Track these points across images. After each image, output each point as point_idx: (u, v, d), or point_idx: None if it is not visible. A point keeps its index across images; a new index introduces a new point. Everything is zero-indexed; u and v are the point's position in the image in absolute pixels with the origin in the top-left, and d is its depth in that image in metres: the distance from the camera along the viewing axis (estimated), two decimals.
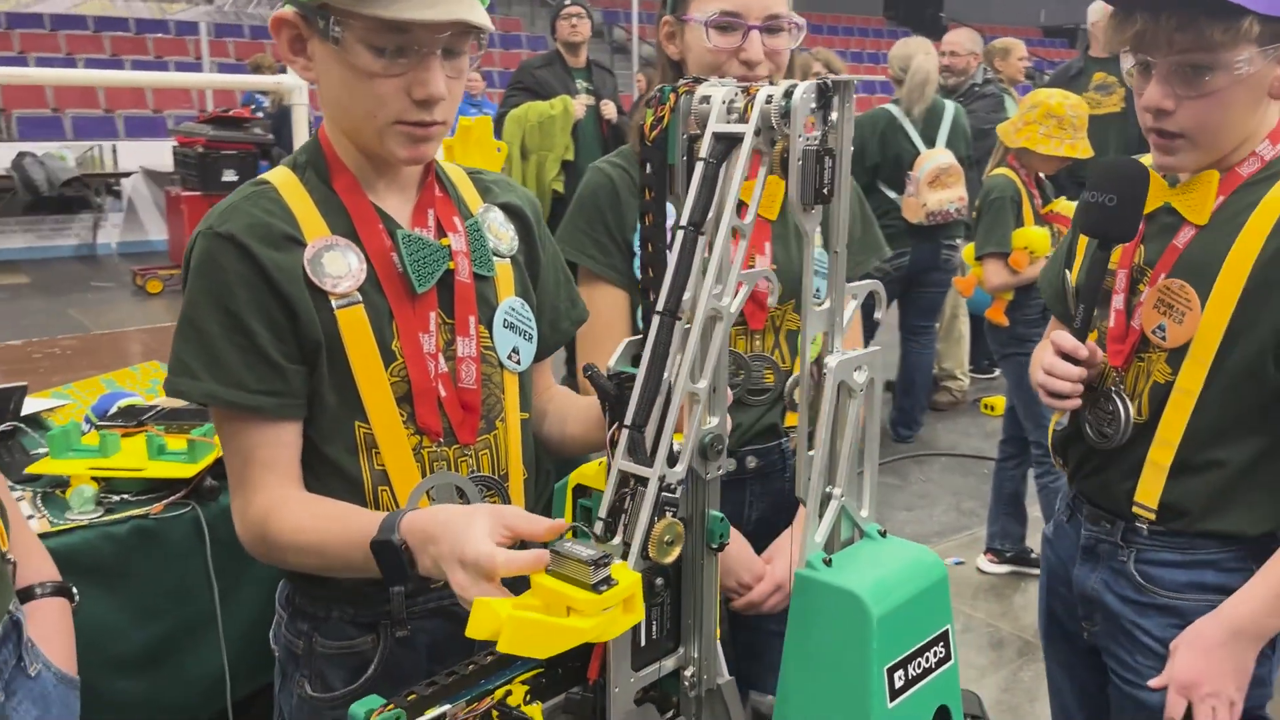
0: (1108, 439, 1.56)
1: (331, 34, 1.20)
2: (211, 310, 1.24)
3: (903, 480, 4.90)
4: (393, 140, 1.27)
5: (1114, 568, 1.60)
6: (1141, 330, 1.52)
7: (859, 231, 1.86)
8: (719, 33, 1.65)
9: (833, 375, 0.95)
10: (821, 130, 0.93)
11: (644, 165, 0.99)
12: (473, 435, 1.35)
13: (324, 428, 1.29)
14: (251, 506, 1.27)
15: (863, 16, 23.15)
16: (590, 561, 0.91)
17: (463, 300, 1.34)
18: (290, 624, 1.39)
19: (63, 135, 11.09)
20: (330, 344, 1.26)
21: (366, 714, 0.97)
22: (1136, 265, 1.55)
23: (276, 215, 1.27)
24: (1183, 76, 1.40)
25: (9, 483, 2.00)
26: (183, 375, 1.25)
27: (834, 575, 0.94)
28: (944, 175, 4.66)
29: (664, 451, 0.92)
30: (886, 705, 0.91)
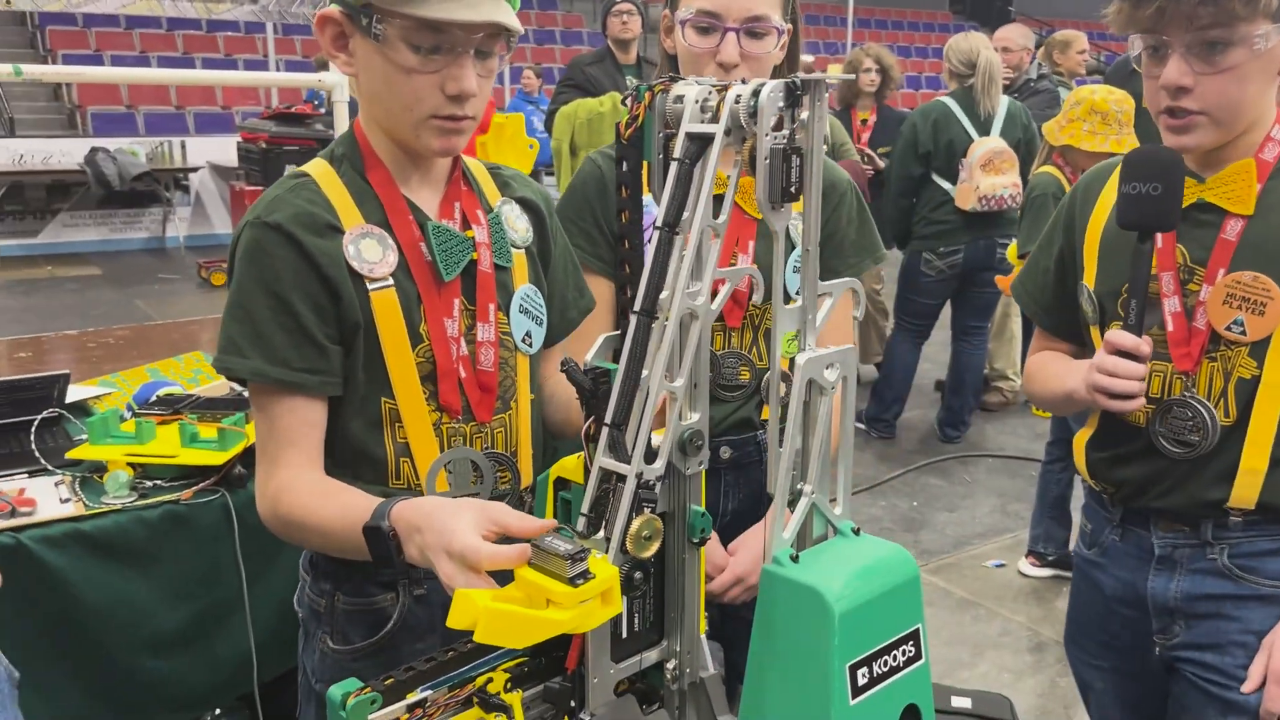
0: (1192, 447, 1.50)
1: (374, 31, 1.29)
2: (260, 294, 1.33)
3: (947, 480, 4.85)
4: (427, 133, 1.35)
5: (1202, 569, 1.54)
6: (1210, 329, 1.48)
7: (853, 234, 1.83)
8: (696, 33, 1.65)
9: (801, 372, 0.96)
10: (790, 129, 0.93)
11: (620, 163, 1.01)
12: (489, 414, 1.44)
13: (352, 404, 1.37)
14: (271, 481, 1.35)
15: (928, 11, 22.83)
16: (567, 556, 0.94)
17: (484, 289, 1.43)
18: (314, 585, 1.46)
19: (135, 131, 11.40)
20: (366, 325, 1.35)
21: (344, 696, 1.00)
22: (1183, 265, 1.51)
23: (318, 205, 1.36)
24: (1201, 54, 1.40)
25: (51, 466, 2.09)
26: (232, 353, 1.34)
27: (799, 571, 0.95)
28: (997, 159, 4.60)
29: (641, 449, 0.94)
30: (848, 702, 0.92)
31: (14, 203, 10.43)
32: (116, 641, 1.98)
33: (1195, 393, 1.50)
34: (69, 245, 10.65)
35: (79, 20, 12.72)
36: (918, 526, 4.36)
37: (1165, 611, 1.58)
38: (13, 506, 1.89)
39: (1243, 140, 1.48)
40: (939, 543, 4.21)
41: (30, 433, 2.14)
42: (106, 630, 1.95)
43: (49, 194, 10.58)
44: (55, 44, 12.61)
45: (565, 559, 0.93)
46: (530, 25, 17.51)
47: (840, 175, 1.87)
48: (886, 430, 5.30)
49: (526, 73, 11.57)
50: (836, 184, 1.84)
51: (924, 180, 4.89)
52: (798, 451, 0.99)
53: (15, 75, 2.48)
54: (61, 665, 1.94)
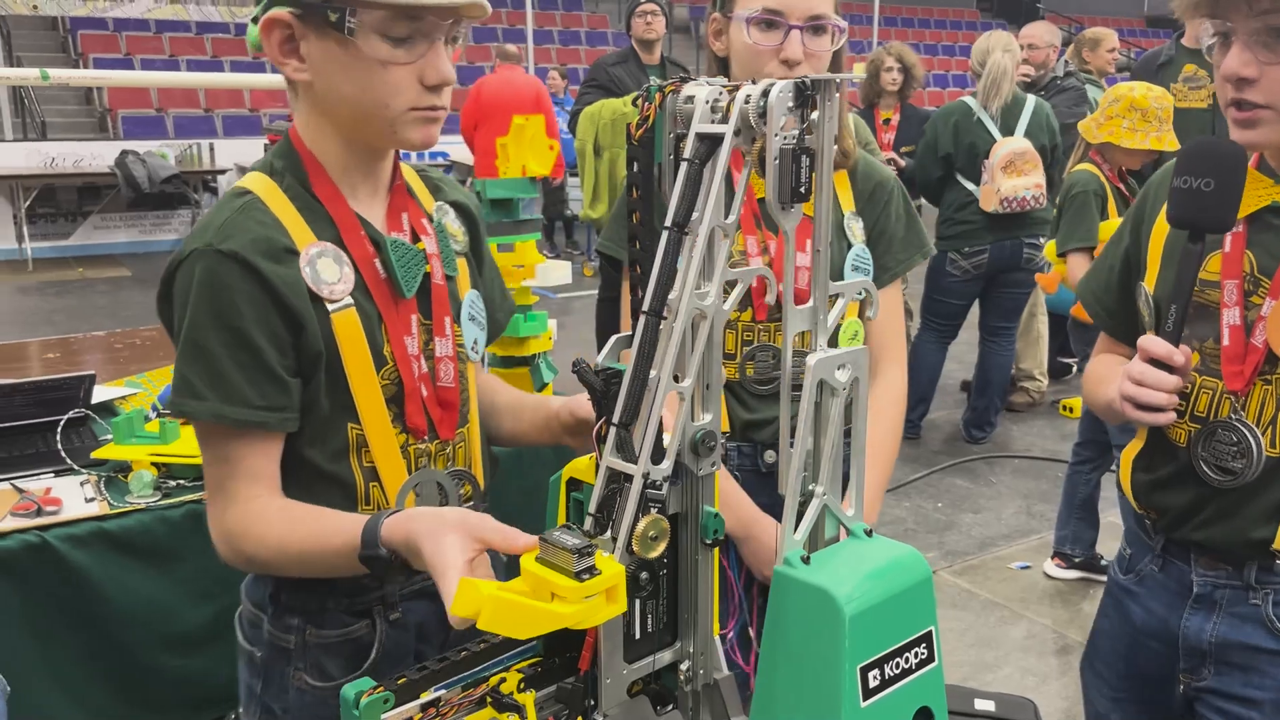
0: (1235, 475, 1.39)
1: (347, 25, 1.21)
2: (216, 330, 1.24)
3: (973, 481, 4.81)
4: (406, 126, 1.28)
5: (1240, 614, 1.44)
6: (1268, 348, 1.36)
7: (902, 230, 1.85)
8: (760, 30, 1.65)
9: (812, 373, 0.95)
10: (799, 129, 0.93)
11: (631, 164, 1.00)
12: (452, 431, 1.39)
13: (316, 432, 1.30)
14: (229, 516, 1.28)
15: (955, 9, 22.70)
16: (574, 550, 0.93)
17: (439, 302, 1.38)
18: (277, 621, 1.38)
19: (165, 134, 11.53)
20: (328, 351, 1.28)
21: (357, 695, 1.01)
22: (1248, 275, 1.39)
23: (271, 227, 1.27)
24: (1266, 41, 1.28)
25: (76, 465, 2.11)
26: (188, 396, 1.25)
27: (810, 573, 0.94)
28: (1019, 161, 4.58)
29: (648, 449, 0.93)
30: (859, 704, 0.91)
31: (46, 205, 10.59)
32: (140, 639, 2.01)
33: (1243, 416, 1.39)
34: (100, 247, 10.79)
35: (109, 25, 12.88)
36: (943, 528, 4.33)
37: (1196, 653, 1.50)
38: (39, 505, 1.92)
39: None
40: (964, 544, 4.18)
41: (57, 432, 2.17)
42: (130, 628, 1.98)
43: (80, 196, 10.74)
44: (86, 48, 12.77)
45: (572, 553, 0.93)
46: (555, 26, 17.55)
47: (887, 173, 1.89)
48: (911, 431, 5.26)
49: (552, 73, 11.59)
50: (884, 182, 1.86)
51: (947, 181, 4.87)
52: (809, 452, 0.99)
53: (43, 80, 2.51)
54: (86, 662, 1.97)
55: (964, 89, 14.90)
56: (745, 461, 1.79)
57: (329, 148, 1.33)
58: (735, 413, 1.77)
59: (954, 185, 4.84)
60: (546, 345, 2.61)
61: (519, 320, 2.52)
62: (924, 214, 4.96)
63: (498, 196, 2.51)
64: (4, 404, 2.21)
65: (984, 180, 4.67)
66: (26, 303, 8.69)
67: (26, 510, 1.91)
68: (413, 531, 1.12)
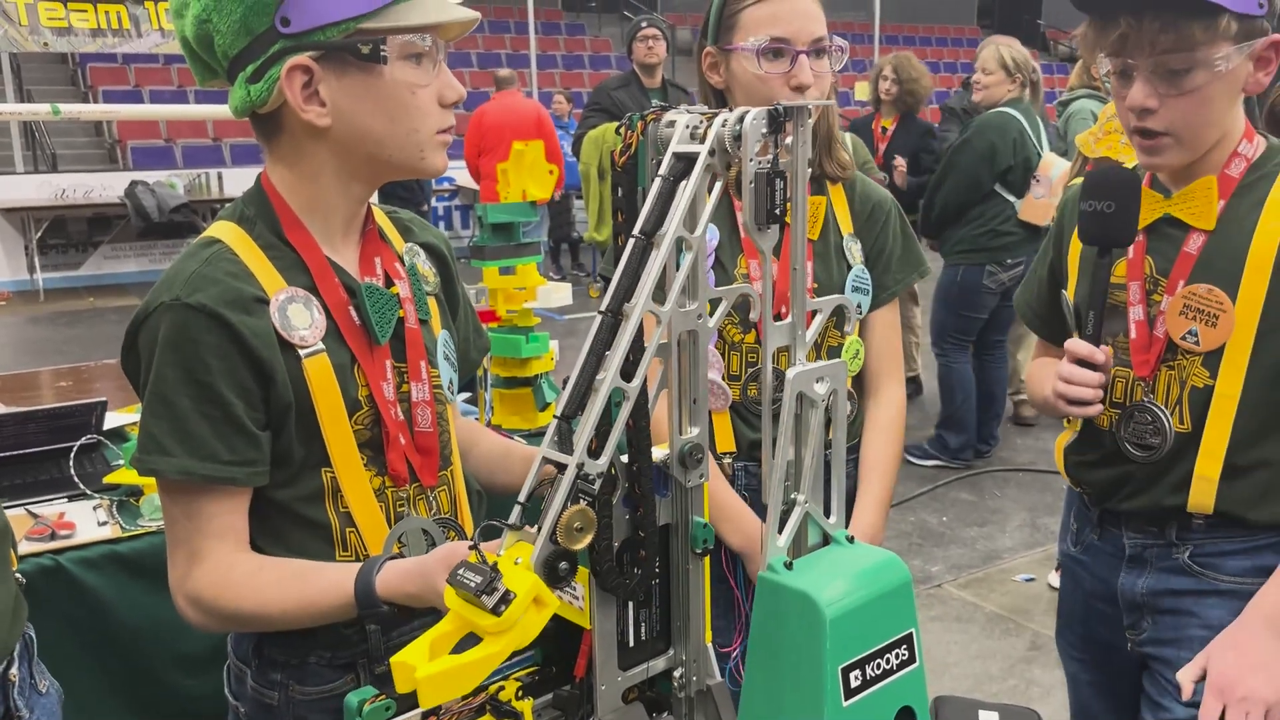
0: (1153, 450, 1.56)
1: (381, 53, 1.22)
2: (183, 384, 1.22)
3: (977, 496, 4.84)
4: (433, 151, 1.30)
5: (1167, 567, 1.61)
6: (1168, 338, 1.53)
7: (899, 250, 1.90)
8: (769, 59, 1.69)
9: (791, 386, 0.99)
10: (774, 153, 0.97)
11: (615, 190, 1.05)
12: (434, 477, 1.38)
13: (290, 480, 1.29)
14: (197, 577, 1.26)
15: (956, 26, 22.82)
16: (478, 591, 0.91)
17: (414, 346, 1.37)
18: (260, 676, 1.36)
19: (174, 164, 11.65)
20: (299, 399, 1.27)
21: (360, 703, 1.05)
22: (1149, 276, 1.57)
23: (241, 277, 1.26)
24: (1165, 76, 1.44)
25: (89, 490, 2.16)
26: (155, 452, 1.23)
27: (792, 578, 0.98)
28: (1066, 175, 4.62)
29: (584, 442, 0.95)
30: (841, 704, 0.95)
31: (57, 236, 10.70)
32: (152, 659, 2.04)
33: (1154, 398, 1.56)
34: (110, 277, 10.89)
35: (119, 58, 13.03)
36: (947, 542, 4.36)
37: (1134, 607, 1.66)
38: (52, 530, 1.97)
39: (1210, 156, 1.52)
40: (968, 558, 4.20)
41: (70, 459, 2.22)
42: (142, 648, 2.01)
43: (90, 227, 10.86)
44: (96, 81, 12.93)
45: (477, 594, 0.91)
46: (559, 51, 17.70)
47: (884, 193, 1.94)
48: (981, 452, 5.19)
49: (557, 97, 11.70)
50: (882, 202, 1.90)
51: (991, 194, 4.79)
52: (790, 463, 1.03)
53: (54, 115, 2.58)
54: (100, 682, 2.00)
55: None
56: (752, 480, 1.82)
57: (317, 197, 1.31)
58: (741, 432, 1.80)
59: (994, 198, 4.76)
60: (549, 366, 2.65)
61: (521, 342, 2.56)
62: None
63: (499, 221, 2.55)
64: (18, 432, 2.26)
65: (1037, 194, 4.61)
66: (38, 333, 8.78)
67: (41, 535, 1.95)
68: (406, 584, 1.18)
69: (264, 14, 1.21)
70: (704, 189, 0.99)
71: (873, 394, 1.93)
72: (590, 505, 0.97)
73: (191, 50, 1.29)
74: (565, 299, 2.66)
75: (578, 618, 1.11)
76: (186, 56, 1.31)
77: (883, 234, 1.88)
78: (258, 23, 1.22)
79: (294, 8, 1.20)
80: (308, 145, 1.29)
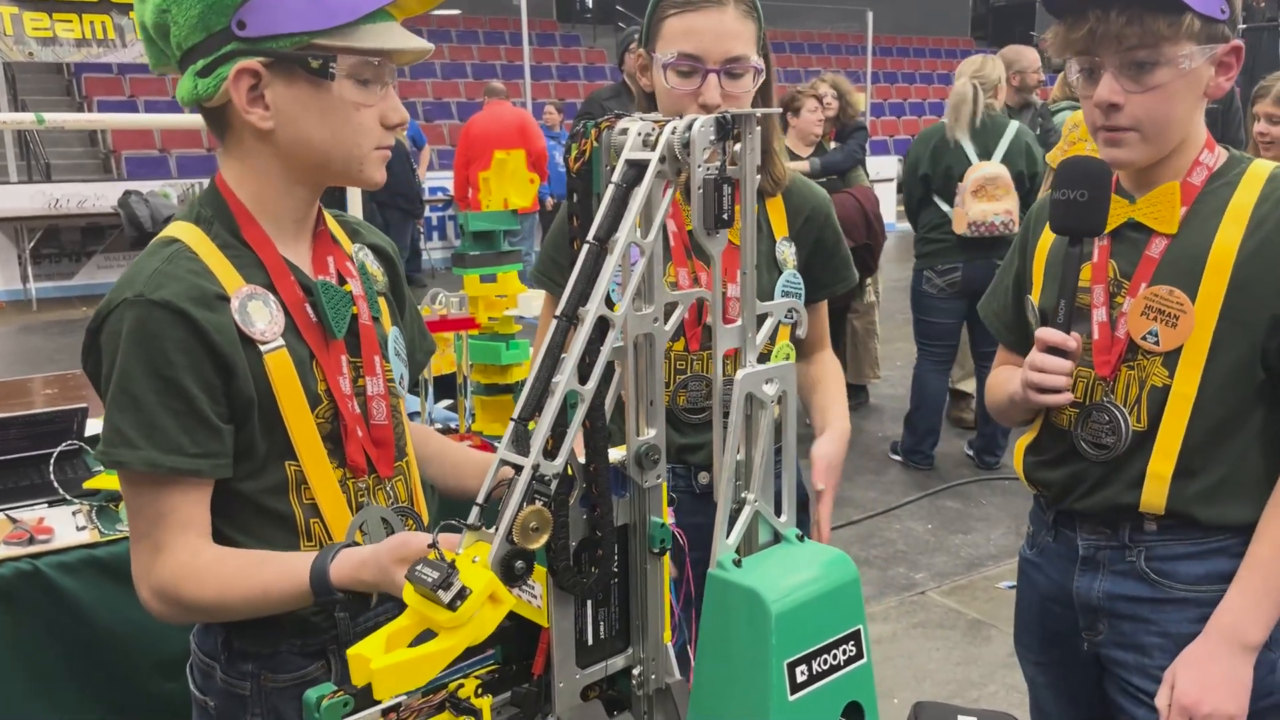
0: (1108, 449, 1.58)
1: (330, 70, 1.26)
2: (147, 378, 1.24)
3: (963, 504, 4.86)
4: (371, 166, 1.35)
5: (1120, 570, 1.62)
6: (1129, 338, 1.57)
7: (830, 252, 1.94)
8: (678, 75, 1.69)
9: (740, 387, 1.01)
10: (722, 160, 1.00)
11: (571, 195, 1.07)
12: (390, 468, 1.42)
13: (254, 473, 1.32)
14: (160, 568, 1.28)
15: (950, 38, 22.92)
16: (434, 586, 0.93)
17: (368, 342, 1.41)
18: (230, 668, 1.38)
19: (168, 174, 11.67)
20: (261, 394, 1.30)
21: (319, 699, 1.06)
22: (1112, 279, 1.61)
23: (201, 275, 1.29)
24: (1131, 73, 1.48)
25: (69, 496, 2.17)
26: (120, 445, 1.25)
27: (740, 575, 1.00)
28: (989, 186, 4.69)
29: (540, 444, 0.97)
30: (787, 698, 0.96)
31: (50, 246, 10.71)
32: (130, 664, 2.06)
33: (1113, 398, 1.59)
34: (103, 286, 10.87)
35: (114, 69, 13.05)
36: (932, 549, 4.37)
37: (1090, 610, 1.66)
38: (31, 534, 1.98)
39: (1172, 163, 1.57)
40: (952, 565, 4.22)
41: (50, 464, 2.23)
42: (120, 652, 2.03)
43: (84, 237, 10.86)
44: (90, 91, 12.95)
45: (433, 589, 0.93)
46: (554, 61, 17.76)
47: (820, 195, 1.95)
48: (924, 462, 5.29)
49: (548, 108, 11.74)
50: (819, 206, 1.93)
51: (925, 202, 5.00)
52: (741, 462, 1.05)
53: (38, 123, 2.60)
54: (77, 685, 2.02)
55: None
56: (680, 483, 1.87)
57: (265, 195, 1.35)
58: (670, 438, 1.83)
59: (930, 205, 4.98)
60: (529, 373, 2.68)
61: (501, 349, 2.58)
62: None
63: (480, 229, 2.58)
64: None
65: (956, 203, 4.79)
66: (31, 342, 8.78)
67: (19, 539, 1.97)
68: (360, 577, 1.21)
69: (222, 14, 1.25)
70: (658, 195, 1.02)
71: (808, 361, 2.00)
72: (546, 505, 0.99)
73: (149, 35, 1.33)
74: None
75: (536, 616, 1.13)
76: (143, 40, 1.35)
77: (820, 236, 1.92)
78: (215, 21, 1.26)
79: (251, 13, 1.24)
80: (253, 144, 1.33)
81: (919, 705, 1.79)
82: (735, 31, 1.70)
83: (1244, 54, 1.53)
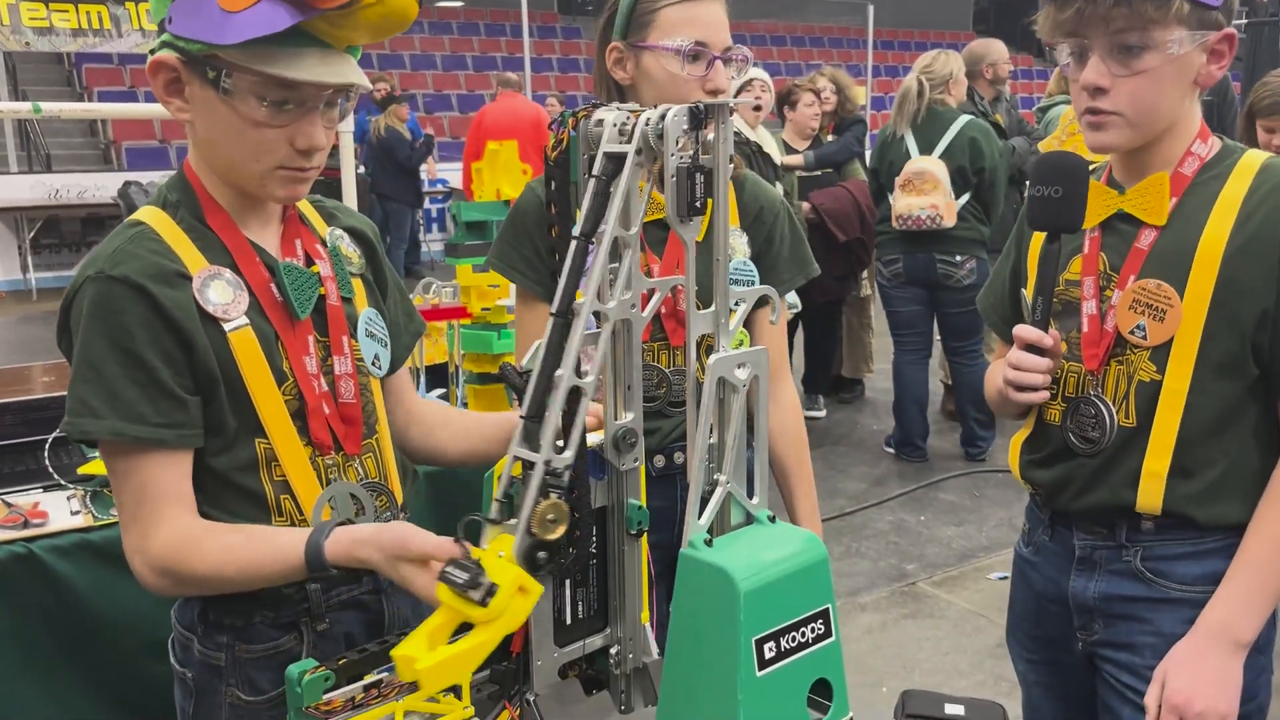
0: (1094, 443, 1.57)
1: (222, 85, 1.27)
2: (109, 351, 1.27)
3: (956, 495, 4.88)
4: (273, 183, 1.35)
5: (1116, 570, 1.60)
6: (1117, 332, 1.55)
7: (786, 251, 1.93)
8: (690, 62, 1.72)
9: (712, 371, 1.04)
10: (695, 149, 1.02)
11: (549, 183, 1.10)
12: (357, 445, 1.45)
13: (224, 450, 1.35)
14: (153, 541, 1.31)
15: (951, 31, 22.88)
16: (465, 586, 0.99)
17: (335, 322, 1.44)
18: (206, 640, 1.42)
19: (168, 165, 11.68)
20: (226, 372, 1.33)
21: (300, 674, 1.09)
22: (1102, 272, 1.59)
23: (163, 254, 1.32)
24: (1118, 56, 1.47)
25: (63, 481, 2.20)
26: (85, 415, 1.28)
27: (711, 554, 1.02)
28: (916, 180, 4.76)
29: (550, 439, 1.01)
30: (755, 674, 0.99)
31: (50, 236, 10.75)
32: (124, 647, 2.08)
33: (1100, 392, 1.57)
34: None
35: (114, 59, 13.07)
36: (924, 541, 4.40)
37: (1085, 610, 1.64)
38: (25, 518, 2.01)
39: (1162, 152, 1.54)
40: (944, 556, 4.25)
41: (44, 450, 2.26)
42: (113, 635, 2.05)
43: (84, 227, 10.89)
44: (91, 81, 12.97)
45: (465, 589, 0.99)
46: (554, 54, 17.76)
47: (774, 194, 1.97)
48: (917, 454, 5.31)
49: (550, 100, 11.75)
50: (771, 204, 1.93)
51: (879, 195, 5.13)
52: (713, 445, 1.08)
53: (35, 113, 2.62)
54: (71, 668, 2.04)
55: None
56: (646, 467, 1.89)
57: (215, 181, 1.39)
58: None
59: (883, 199, 5.07)
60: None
61: (493, 338, 2.61)
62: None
63: (472, 219, 2.60)
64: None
65: (892, 197, 4.89)
66: (30, 331, 8.81)
67: (13, 523, 2.00)
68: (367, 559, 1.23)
69: (163, 5, 1.29)
70: (635, 186, 1.04)
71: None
72: (561, 497, 1.04)
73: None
74: None
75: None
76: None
77: (770, 234, 1.91)
78: (160, 10, 1.30)
79: (176, 10, 1.27)
80: (189, 129, 1.37)
81: (907, 693, 1.79)
82: (726, 21, 1.78)
83: (1237, 43, 1.51)
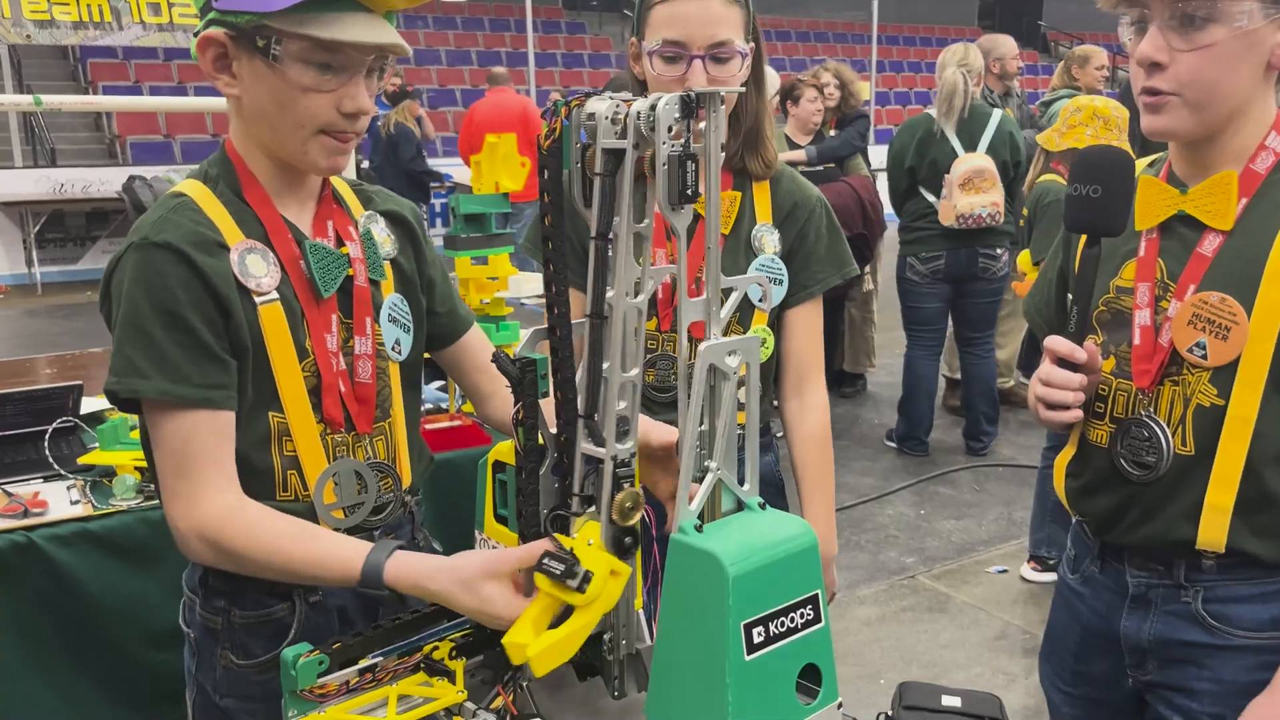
0: (1150, 469, 1.43)
1: (272, 52, 1.31)
2: (154, 313, 1.31)
3: (956, 489, 4.89)
4: (316, 150, 1.38)
5: (1174, 611, 1.47)
6: (1172, 349, 1.40)
7: (822, 249, 1.90)
8: (664, 62, 1.71)
9: (703, 359, 1.04)
10: (686, 137, 1.02)
11: (542, 172, 1.10)
12: (369, 425, 1.47)
13: (239, 419, 1.36)
14: (199, 505, 1.32)
15: (957, 27, 22.83)
16: (562, 577, 1.08)
17: (360, 303, 1.46)
18: (206, 603, 1.46)
19: (173, 159, 11.70)
20: (254, 343, 1.36)
21: (295, 658, 1.10)
22: (1159, 280, 1.43)
23: (203, 224, 1.37)
24: (1180, 28, 1.32)
25: (64, 471, 2.21)
26: (132, 375, 1.30)
27: (701, 539, 1.03)
28: (976, 179, 4.71)
29: (612, 434, 1.08)
30: (744, 658, 1.00)
31: (55, 230, 10.75)
32: (124, 636, 2.10)
33: (1154, 413, 1.43)
34: None
35: (119, 53, 13.08)
36: (924, 534, 4.41)
37: (1138, 651, 1.53)
38: (25, 508, 2.02)
39: (1231, 145, 1.39)
40: (943, 550, 4.26)
41: (45, 440, 2.27)
42: (114, 624, 2.07)
43: (89, 221, 10.90)
44: (96, 76, 12.98)
45: (562, 580, 1.08)
46: (559, 49, 17.75)
47: (811, 191, 1.93)
48: (919, 448, 5.32)
49: (554, 95, 11.75)
50: (806, 200, 1.90)
51: (910, 192, 5.02)
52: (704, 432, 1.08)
53: (36, 105, 2.63)
54: (71, 657, 2.06)
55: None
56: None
57: (256, 158, 1.42)
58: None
59: (915, 195, 4.99)
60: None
61: (492, 331, 2.61)
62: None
63: (470, 211, 2.61)
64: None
65: (943, 195, 4.80)
66: (35, 325, 8.84)
67: (14, 512, 2.01)
68: (438, 591, 1.20)
69: None
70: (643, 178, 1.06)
71: (796, 396, 1.93)
72: (630, 484, 1.11)
73: None
74: (537, 288, 2.71)
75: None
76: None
77: (803, 231, 1.88)
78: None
79: None
80: (235, 109, 1.41)
81: (904, 685, 1.78)
82: (720, 17, 1.71)
83: None
